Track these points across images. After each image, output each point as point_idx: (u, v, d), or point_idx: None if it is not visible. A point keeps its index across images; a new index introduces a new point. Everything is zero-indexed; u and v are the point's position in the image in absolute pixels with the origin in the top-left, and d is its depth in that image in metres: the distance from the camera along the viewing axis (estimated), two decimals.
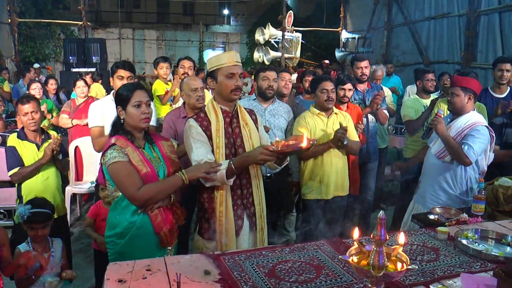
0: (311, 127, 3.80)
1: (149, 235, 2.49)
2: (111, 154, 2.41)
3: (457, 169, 3.41)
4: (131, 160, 2.42)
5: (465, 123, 3.38)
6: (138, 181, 2.40)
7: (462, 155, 3.28)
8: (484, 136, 3.31)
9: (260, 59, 13.63)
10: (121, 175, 2.40)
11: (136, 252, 2.39)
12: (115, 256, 2.49)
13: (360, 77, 4.78)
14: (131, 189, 2.38)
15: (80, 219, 5.56)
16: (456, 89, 3.43)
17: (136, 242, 2.47)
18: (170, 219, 2.56)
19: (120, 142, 2.45)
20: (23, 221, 3.01)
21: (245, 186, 2.69)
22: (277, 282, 1.95)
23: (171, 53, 21.71)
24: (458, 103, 3.42)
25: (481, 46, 9.00)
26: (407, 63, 11.78)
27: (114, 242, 2.51)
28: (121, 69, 3.53)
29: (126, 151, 2.43)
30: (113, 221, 2.52)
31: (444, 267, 2.12)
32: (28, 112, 3.55)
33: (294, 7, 20.71)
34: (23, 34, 15.18)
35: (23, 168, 3.53)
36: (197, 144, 2.58)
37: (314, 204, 3.89)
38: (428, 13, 10.87)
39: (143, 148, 2.56)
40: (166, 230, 2.52)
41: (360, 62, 4.79)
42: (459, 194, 3.42)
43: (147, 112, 2.50)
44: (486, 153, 3.44)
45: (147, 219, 2.47)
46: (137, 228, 2.46)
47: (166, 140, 2.75)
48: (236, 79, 2.59)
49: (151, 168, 2.48)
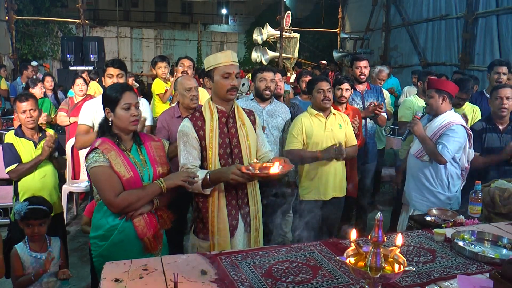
0: (308, 128, 3.79)
1: (132, 240, 2.47)
2: (93, 158, 2.39)
3: (437, 167, 3.52)
4: (112, 166, 2.39)
5: (441, 123, 3.50)
6: (117, 186, 2.38)
7: (437, 154, 3.42)
8: (459, 135, 3.42)
9: (258, 59, 13.65)
10: (100, 179, 2.38)
11: (119, 256, 2.34)
12: (98, 259, 2.48)
13: (359, 77, 4.79)
14: (109, 195, 2.36)
15: (76, 218, 5.55)
16: (431, 91, 3.56)
17: (120, 246, 2.45)
18: (154, 224, 2.53)
19: (103, 146, 2.42)
20: (20, 218, 2.99)
21: (240, 186, 2.68)
22: (273, 282, 1.95)
23: (169, 52, 21.68)
24: (433, 104, 3.55)
25: (479, 48, 9.03)
26: (405, 64, 11.81)
27: (96, 244, 2.50)
28: (110, 67, 3.52)
29: (109, 156, 2.39)
30: (96, 223, 2.51)
31: (440, 268, 2.12)
32: (26, 110, 3.54)
33: (292, 7, 20.73)
34: (21, 32, 15.15)
35: (20, 165, 3.52)
36: (187, 148, 2.58)
37: (312, 204, 3.89)
38: (426, 14, 10.90)
39: (129, 150, 2.52)
40: (150, 236, 2.50)
41: (360, 62, 4.80)
42: (441, 190, 3.53)
43: (136, 114, 2.48)
44: (465, 150, 3.54)
45: (130, 224, 2.45)
46: (119, 232, 2.44)
47: (156, 141, 2.72)
48: (232, 78, 2.59)
49: (135, 173, 2.45)
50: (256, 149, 2.78)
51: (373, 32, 13.66)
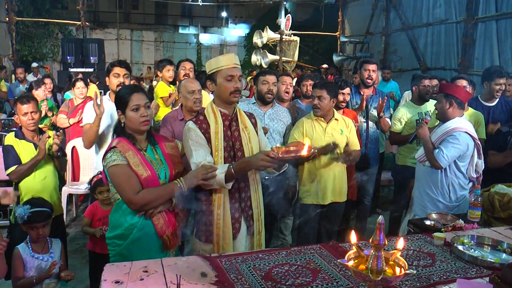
0: (309, 132, 3.78)
1: (152, 238, 2.49)
2: (111, 157, 2.42)
3: (437, 174, 3.48)
4: (130, 165, 2.42)
5: (446, 129, 3.45)
6: (136, 185, 2.41)
7: (432, 159, 3.39)
8: (460, 142, 3.35)
9: (258, 62, 13.67)
10: (120, 178, 2.41)
11: (138, 255, 2.37)
12: (117, 258, 2.48)
13: (366, 80, 4.80)
14: (129, 193, 2.39)
15: (76, 220, 5.55)
16: (439, 96, 3.52)
17: (138, 244, 2.46)
18: (173, 222, 2.56)
19: (121, 146, 2.45)
20: (22, 222, 2.98)
21: (243, 189, 2.69)
22: (273, 285, 1.96)
23: (169, 54, 21.72)
24: (440, 109, 3.51)
25: (478, 53, 9.05)
26: (404, 69, 11.83)
27: (115, 243, 2.51)
28: (117, 66, 3.55)
29: (126, 155, 2.43)
30: (114, 223, 2.52)
31: (440, 272, 2.13)
32: (28, 112, 3.53)
33: (292, 10, 20.75)
34: (21, 33, 15.15)
35: (20, 166, 3.51)
36: (196, 146, 2.57)
37: (310, 208, 3.89)
38: (426, 19, 10.93)
39: (145, 150, 2.56)
40: (169, 233, 2.52)
41: (369, 65, 4.82)
42: (441, 198, 3.48)
43: (145, 115, 2.50)
44: (472, 160, 3.45)
45: (149, 221, 2.47)
46: (138, 230, 2.46)
47: (170, 141, 2.75)
48: (235, 81, 2.59)
49: (152, 171, 2.47)
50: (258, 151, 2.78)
51: (373, 36, 13.68)
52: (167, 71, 5.39)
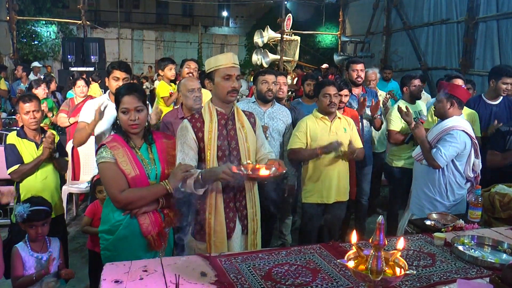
0: (312, 131, 3.79)
1: (137, 237, 2.51)
2: (101, 154, 2.48)
3: (434, 173, 3.47)
4: (118, 163, 2.45)
5: (443, 127, 3.44)
6: (122, 183, 2.44)
7: (430, 158, 3.38)
8: (457, 140, 3.34)
9: (258, 61, 13.63)
10: (106, 175, 2.47)
11: (123, 252, 2.43)
12: (104, 252, 2.55)
13: (355, 80, 4.84)
14: (114, 191, 2.43)
15: (76, 219, 5.55)
16: (440, 95, 3.51)
17: (124, 241, 2.50)
18: (159, 222, 2.57)
19: (111, 144, 2.49)
20: (22, 220, 2.99)
21: (238, 189, 2.68)
22: (273, 284, 1.96)
23: (169, 54, 21.67)
24: (440, 108, 3.50)
25: (479, 53, 9.04)
26: (405, 68, 11.80)
27: (103, 238, 2.57)
28: (116, 69, 3.52)
29: (115, 153, 2.46)
30: (104, 217, 2.59)
31: (440, 272, 2.13)
32: (30, 111, 3.53)
33: (293, 10, 20.72)
34: (22, 32, 15.13)
35: (22, 165, 3.51)
36: (184, 148, 2.58)
37: (313, 208, 3.89)
38: (426, 19, 10.91)
39: (138, 148, 2.57)
40: (155, 234, 2.54)
41: (356, 65, 4.86)
42: (439, 198, 3.48)
43: (133, 119, 2.50)
44: (469, 160, 3.45)
45: (135, 220, 2.50)
46: (124, 228, 2.49)
47: (169, 139, 2.75)
48: (233, 80, 2.59)
49: (141, 171, 2.50)
50: (255, 151, 2.78)
51: (374, 36, 13.65)
52: (169, 69, 5.40)
